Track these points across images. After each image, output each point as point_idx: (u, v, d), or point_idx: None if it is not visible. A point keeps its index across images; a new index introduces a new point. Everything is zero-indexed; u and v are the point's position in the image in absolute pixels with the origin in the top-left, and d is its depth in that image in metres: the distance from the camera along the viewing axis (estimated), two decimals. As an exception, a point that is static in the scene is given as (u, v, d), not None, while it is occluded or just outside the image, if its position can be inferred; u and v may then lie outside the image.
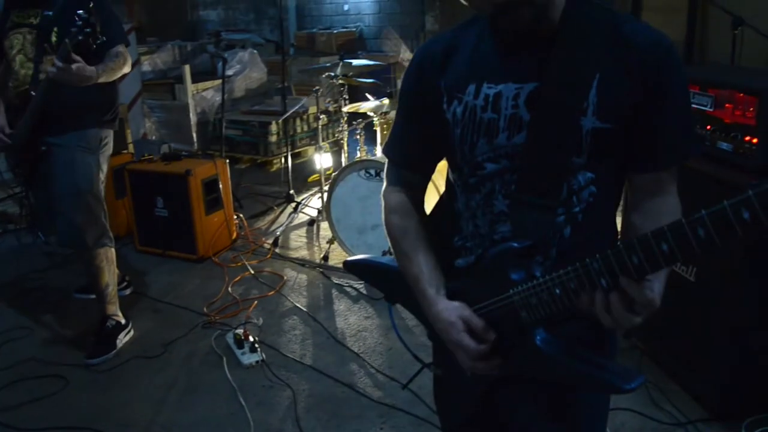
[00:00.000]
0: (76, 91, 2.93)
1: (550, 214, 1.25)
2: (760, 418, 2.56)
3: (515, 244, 1.26)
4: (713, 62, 4.14)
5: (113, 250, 3.38)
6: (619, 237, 1.40)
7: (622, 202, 1.43)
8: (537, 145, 1.23)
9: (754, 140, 2.39)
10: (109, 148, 3.37)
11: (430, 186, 1.60)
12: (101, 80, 2.96)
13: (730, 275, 2.49)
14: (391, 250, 1.49)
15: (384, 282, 1.61)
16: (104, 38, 2.84)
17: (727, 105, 2.56)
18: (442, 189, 1.54)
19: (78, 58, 2.77)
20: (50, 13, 2.99)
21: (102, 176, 3.32)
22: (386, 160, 1.54)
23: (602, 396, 1.45)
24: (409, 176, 1.51)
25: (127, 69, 3.16)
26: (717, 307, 2.57)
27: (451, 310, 1.32)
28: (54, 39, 2.99)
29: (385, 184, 1.54)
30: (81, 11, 2.72)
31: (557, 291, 1.15)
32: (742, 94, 2.48)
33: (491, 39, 1.29)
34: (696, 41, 6.17)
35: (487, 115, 1.27)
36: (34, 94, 2.98)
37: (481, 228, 1.34)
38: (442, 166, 1.47)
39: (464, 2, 1.22)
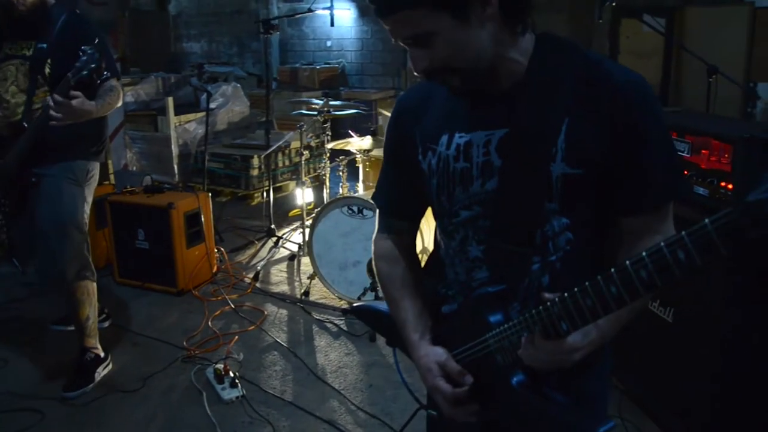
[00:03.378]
0: (67, 123, 2.93)
1: (524, 262, 1.26)
2: (735, 459, 2.61)
3: (490, 289, 1.28)
4: (689, 109, 4.25)
5: (94, 284, 3.35)
6: None
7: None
8: (508, 191, 1.24)
9: (730, 186, 2.46)
10: (95, 181, 3.36)
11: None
12: (99, 115, 2.96)
13: (708, 316, 2.54)
14: (374, 287, 1.52)
15: (385, 327, 1.63)
16: (108, 74, 2.87)
17: (703, 151, 2.64)
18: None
19: (77, 93, 2.76)
20: (44, 45, 2.99)
21: (87, 208, 3.30)
22: (369, 198, 1.58)
23: None
24: (396, 223, 1.54)
25: (120, 103, 3.17)
26: (694, 348, 2.61)
27: (429, 356, 1.35)
28: (48, 71, 3.00)
29: (375, 230, 1.58)
30: (86, 47, 2.72)
31: (525, 334, 1.16)
32: (717, 142, 2.56)
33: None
34: (671, 85, 6.35)
35: (460, 165, 1.29)
36: (26, 125, 2.98)
37: (460, 275, 1.36)
38: None
39: None
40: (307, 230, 4.38)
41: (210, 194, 4.71)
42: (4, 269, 4.54)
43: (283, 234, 5.41)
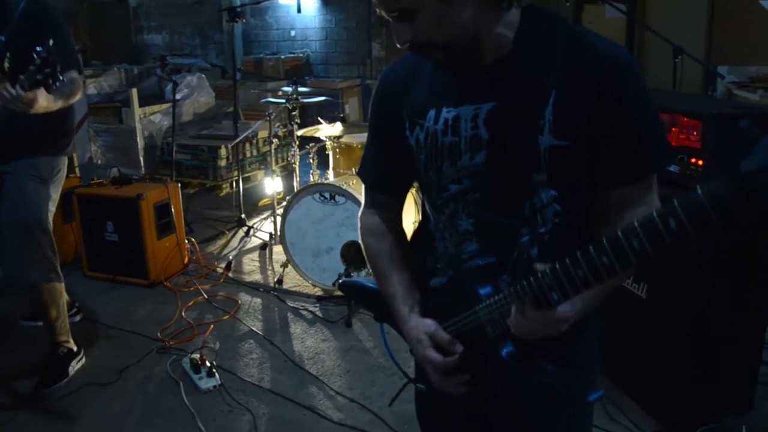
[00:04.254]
0: (30, 117, 2.83)
1: (514, 234, 1.27)
2: (710, 428, 2.67)
3: (480, 261, 1.29)
4: (655, 89, 4.32)
5: (61, 285, 3.25)
6: None
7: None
8: (496, 164, 1.25)
9: (700, 162, 2.51)
10: (62, 177, 3.25)
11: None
12: (55, 108, 2.85)
13: (680, 291, 2.59)
14: (348, 273, 1.52)
15: (372, 302, 1.63)
16: (62, 78, 2.67)
17: (673, 129, 2.69)
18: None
19: (36, 92, 2.63)
20: (2, 38, 2.85)
21: (52, 206, 3.19)
22: (343, 184, 1.58)
23: (584, 424, 1.46)
24: (382, 198, 1.54)
25: (80, 96, 3.06)
26: (667, 323, 2.67)
27: (419, 327, 1.36)
28: (7, 65, 2.86)
29: (362, 206, 1.58)
30: (40, 48, 2.55)
31: (515, 305, 1.17)
32: (686, 119, 2.61)
33: None
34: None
35: (448, 139, 1.29)
36: None
37: (450, 248, 1.36)
38: None
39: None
40: (279, 219, 4.36)
41: (179, 185, 4.65)
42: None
43: (254, 223, 5.38)
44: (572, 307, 1.13)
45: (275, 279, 4.35)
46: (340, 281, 1.75)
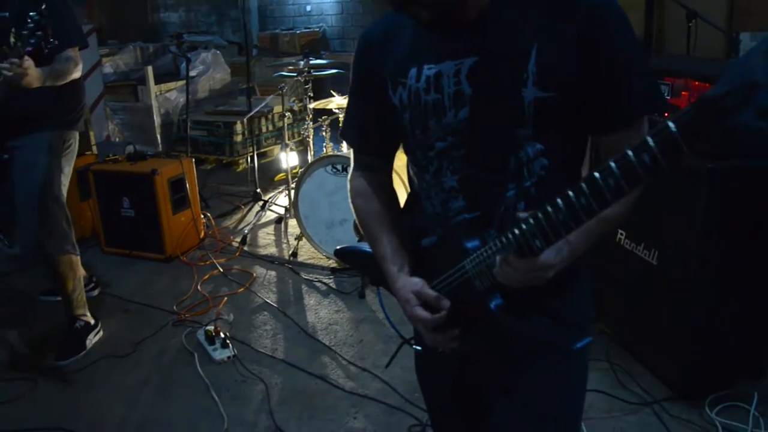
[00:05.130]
0: (37, 92, 2.87)
1: (499, 189, 1.26)
2: (721, 395, 2.66)
3: (467, 215, 1.28)
4: (669, 53, 4.25)
5: (77, 256, 3.31)
6: None
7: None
8: (480, 119, 1.24)
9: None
10: (74, 150, 3.30)
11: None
12: (47, 84, 2.86)
13: (691, 258, 2.56)
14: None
15: (368, 266, 1.64)
16: (56, 42, 2.74)
17: (683, 93, 2.65)
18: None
19: (28, 61, 2.68)
20: (6, 14, 2.88)
21: (65, 180, 3.25)
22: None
23: (576, 377, 1.43)
24: (369, 160, 1.54)
25: (77, 74, 3.05)
26: (678, 290, 2.64)
27: (407, 287, 1.36)
28: (12, 40, 2.89)
29: (350, 169, 1.58)
30: (33, 13, 2.62)
31: (499, 257, 1.16)
32: (697, 82, 2.56)
33: None
34: (654, 36, 6.33)
35: (431, 97, 1.28)
36: None
37: (436, 207, 1.36)
38: None
39: None
40: (293, 192, 4.37)
41: (194, 160, 4.67)
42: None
43: (269, 198, 5.41)
44: (557, 254, 1.12)
45: (290, 252, 4.38)
46: (335, 249, 1.75)
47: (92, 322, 3.43)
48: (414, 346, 1.60)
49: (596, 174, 0.95)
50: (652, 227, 2.77)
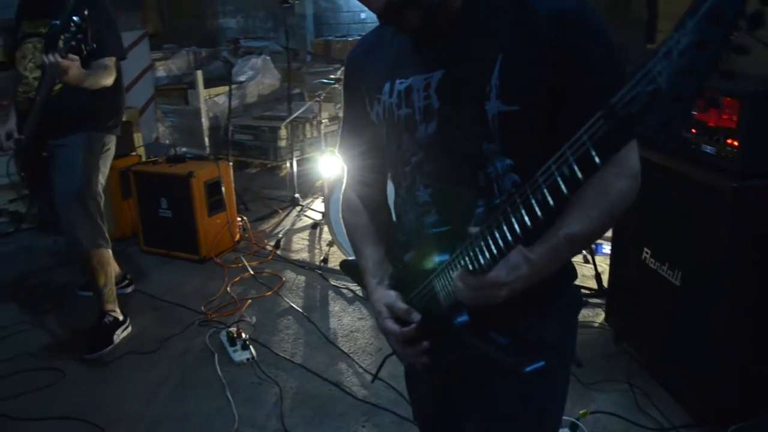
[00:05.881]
0: (79, 95, 3.02)
1: (470, 204, 1.23)
2: (744, 425, 2.55)
3: (434, 230, 1.27)
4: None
5: (109, 251, 3.43)
6: None
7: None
8: (448, 134, 1.23)
9: (735, 143, 2.39)
10: (111, 153, 3.43)
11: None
12: (84, 85, 2.98)
13: (716, 280, 2.48)
14: None
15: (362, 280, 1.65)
16: (94, 45, 2.87)
17: (711, 108, 2.56)
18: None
19: (73, 57, 2.81)
20: (57, 22, 2.98)
21: (102, 179, 3.38)
22: None
23: (539, 401, 1.38)
24: (360, 176, 1.54)
25: (108, 82, 3.13)
26: (703, 312, 2.56)
27: (381, 299, 1.36)
28: (62, 46, 3.01)
29: (344, 182, 1.59)
30: (76, 18, 2.76)
31: (454, 273, 1.14)
32: (727, 98, 2.48)
33: (401, 35, 1.29)
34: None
35: (403, 112, 1.27)
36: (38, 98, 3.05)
37: (412, 221, 1.35)
38: None
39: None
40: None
41: (231, 163, 4.76)
42: (36, 239, 4.72)
43: (307, 203, 5.46)
44: (510, 271, 1.07)
45: (321, 258, 4.41)
46: (341, 261, 1.76)
47: (121, 318, 3.53)
48: (400, 359, 1.60)
49: (527, 187, 0.94)
50: (676, 247, 2.69)
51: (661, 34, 5.28)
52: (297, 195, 5.43)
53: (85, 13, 2.76)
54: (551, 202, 0.90)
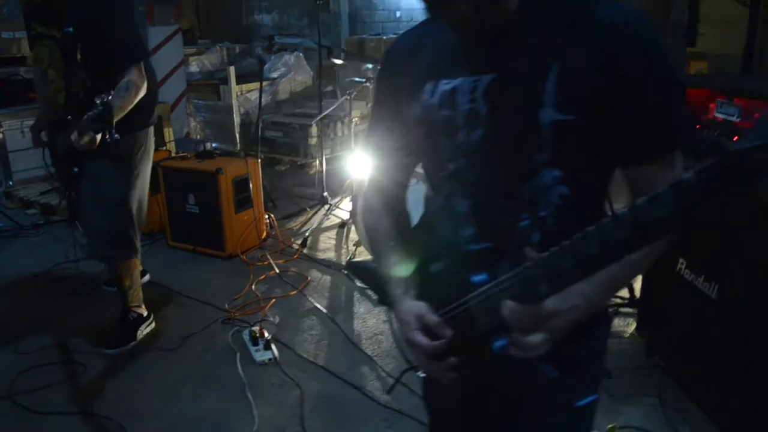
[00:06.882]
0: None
1: (513, 218, 1.18)
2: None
3: (473, 247, 1.21)
4: (736, 72, 3.98)
5: (137, 260, 3.40)
6: None
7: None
8: (494, 142, 1.16)
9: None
10: (149, 149, 3.31)
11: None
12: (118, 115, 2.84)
13: (751, 294, 2.37)
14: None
15: (376, 285, 1.58)
16: (117, 136, 2.72)
17: (755, 115, 2.46)
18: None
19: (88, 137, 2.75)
20: (71, 29, 2.88)
21: (141, 181, 3.28)
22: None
23: (579, 423, 1.35)
24: (384, 177, 1.48)
25: (141, 92, 3.00)
26: (741, 329, 2.45)
27: (410, 310, 1.29)
28: (80, 56, 2.91)
29: (366, 182, 1.53)
30: (98, 101, 2.61)
31: (504, 297, 1.08)
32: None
33: (449, 33, 1.22)
34: (755, 54, 5.96)
35: (444, 113, 1.21)
36: (70, 118, 2.91)
37: (447, 232, 1.28)
38: None
39: None
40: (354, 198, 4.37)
41: (259, 161, 4.73)
42: (66, 232, 4.74)
43: (335, 202, 5.41)
44: (563, 302, 1.03)
45: (348, 258, 4.36)
46: (349, 261, 1.70)
47: (145, 314, 3.52)
48: (419, 374, 1.54)
49: (605, 221, 0.88)
50: (714, 259, 2.59)
51: (702, 37, 5.13)
52: (326, 194, 5.39)
53: (108, 96, 2.65)
54: (634, 241, 0.86)
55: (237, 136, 6.66)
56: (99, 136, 2.76)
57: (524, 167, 1.15)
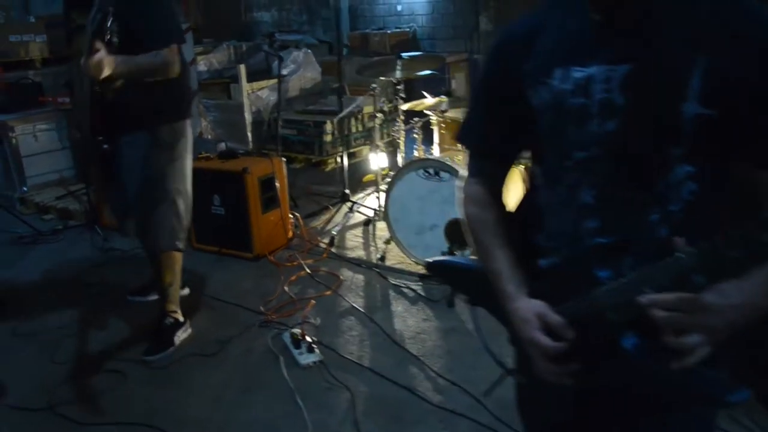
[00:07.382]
0: (138, 90, 2.90)
1: (642, 212, 1.13)
2: None
3: (602, 240, 1.15)
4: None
5: (180, 254, 3.35)
6: None
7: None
8: (630, 133, 1.12)
9: None
10: (189, 139, 3.26)
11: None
12: (129, 75, 2.85)
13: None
14: (452, 251, 1.40)
15: (466, 284, 1.51)
16: (114, 40, 2.73)
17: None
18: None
19: (99, 47, 2.69)
20: (110, 11, 2.82)
21: (183, 167, 3.24)
22: (448, 160, 1.46)
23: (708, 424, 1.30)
24: (488, 166, 1.43)
25: (168, 73, 2.96)
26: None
27: (528, 308, 1.23)
28: (115, 40, 2.85)
29: (465, 174, 1.47)
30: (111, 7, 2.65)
31: (647, 289, 1.04)
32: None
33: (579, 18, 1.17)
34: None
35: (577, 101, 1.16)
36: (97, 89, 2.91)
37: (566, 224, 1.23)
38: None
39: None
40: (383, 195, 4.29)
41: (284, 159, 4.65)
42: (85, 237, 4.68)
43: (358, 199, 5.34)
44: (723, 298, 0.98)
45: (378, 255, 4.29)
46: (429, 261, 1.61)
47: (181, 319, 3.44)
48: (518, 377, 1.47)
49: None
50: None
51: None
52: (347, 191, 5.32)
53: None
54: None
55: (249, 135, 6.56)
56: (108, 59, 2.71)
57: (659, 160, 1.11)
